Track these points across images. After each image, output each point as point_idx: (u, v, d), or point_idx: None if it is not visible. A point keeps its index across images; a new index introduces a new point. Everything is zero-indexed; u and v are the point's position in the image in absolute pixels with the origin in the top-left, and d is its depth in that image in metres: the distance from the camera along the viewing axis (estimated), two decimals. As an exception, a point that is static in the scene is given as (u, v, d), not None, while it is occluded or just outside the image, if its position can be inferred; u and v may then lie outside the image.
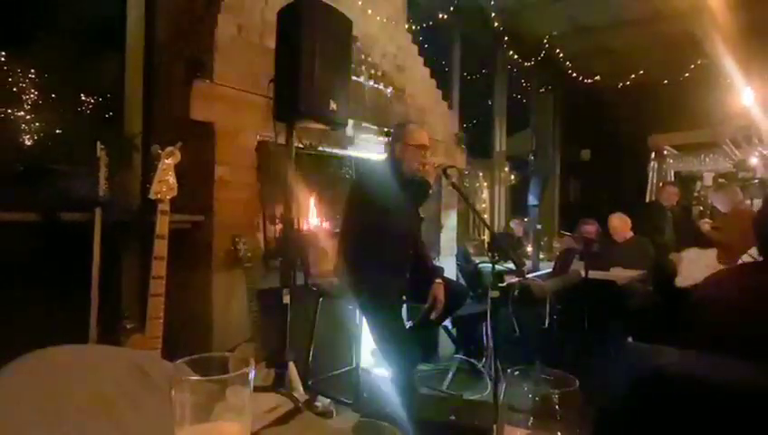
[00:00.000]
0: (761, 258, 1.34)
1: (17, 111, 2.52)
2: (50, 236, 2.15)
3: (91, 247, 2.10)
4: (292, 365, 2.28)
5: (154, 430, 0.66)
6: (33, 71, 2.55)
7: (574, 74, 6.89)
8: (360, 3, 3.58)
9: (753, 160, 6.65)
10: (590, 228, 4.89)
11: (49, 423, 0.67)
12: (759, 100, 6.00)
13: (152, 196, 2.04)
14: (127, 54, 2.69)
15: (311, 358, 2.68)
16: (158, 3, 2.74)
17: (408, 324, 2.76)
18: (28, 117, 2.54)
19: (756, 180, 6.48)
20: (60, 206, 2.16)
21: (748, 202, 5.31)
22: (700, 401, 0.95)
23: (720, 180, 7.08)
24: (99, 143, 2.16)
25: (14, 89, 2.52)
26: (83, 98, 2.77)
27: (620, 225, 4.65)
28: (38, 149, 2.55)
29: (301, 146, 2.85)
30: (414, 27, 4.51)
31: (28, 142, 2.54)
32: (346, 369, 3.17)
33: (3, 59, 2.50)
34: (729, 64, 5.45)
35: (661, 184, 6.34)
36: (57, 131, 2.63)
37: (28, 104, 2.55)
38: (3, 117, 2.47)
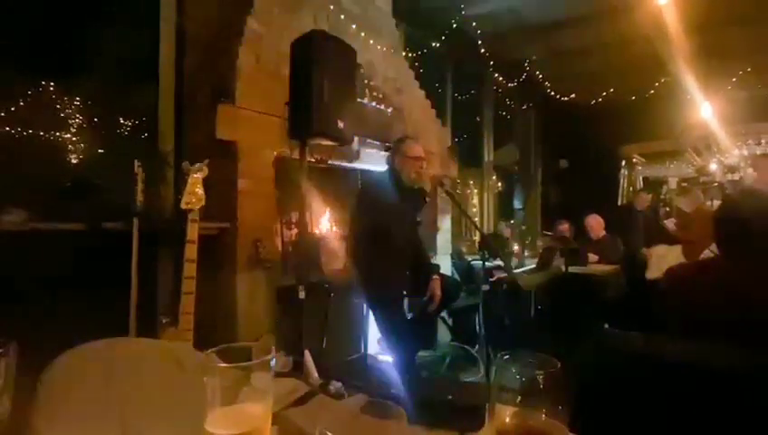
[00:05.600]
0: (719, 253, 1.34)
1: (65, 134, 2.54)
2: (94, 243, 2.16)
3: (130, 252, 2.11)
4: (307, 353, 2.26)
5: (188, 412, 0.66)
6: (78, 98, 2.58)
7: (552, 93, 6.88)
8: (363, 34, 3.60)
9: (713, 166, 6.63)
10: (564, 227, 4.88)
11: (96, 407, 0.68)
12: (716, 112, 5.99)
13: (183, 206, 2.05)
14: (160, 83, 2.70)
15: (324, 346, 2.67)
16: (186, 37, 2.76)
17: (409, 316, 2.75)
18: (74, 139, 2.56)
19: (716, 184, 6.45)
20: (102, 216, 2.18)
21: (709, 203, 5.29)
22: (666, 379, 0.95)
23: (683, 184, 7.06)
24: (136, 161, 2.17)
25: (62, 114, 2.55)
26: (122, 121, 2.79)
27: (596, 224, 4.65)
28: (83, 167, 2.57)
29: (313, 160, 2.85)
30: (410, 55, 4.53)
31: (74, 161, 2.56)
32: (356, 356, 3.16)
33: (52, 88, 2.52)
34: (689, 82, 5.45)
35: (636, 191, 6.33)
36: (99, 151, 2.65)
37: (74, 128, 2.57)
38: (52, 139, 2.49)
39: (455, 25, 4.95)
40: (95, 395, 0.69)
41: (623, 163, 7.62)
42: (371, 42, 3.69)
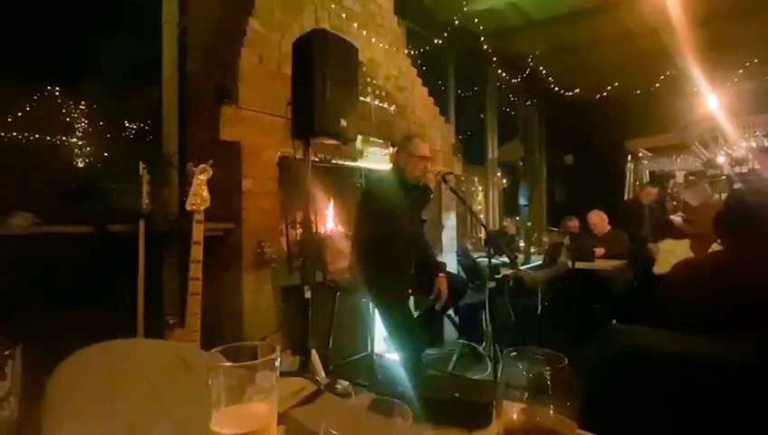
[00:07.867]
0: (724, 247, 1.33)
1: (70, 138, 2.56)
2: (101, 245, 2.18)
3: (136, 254, 2.13)
4: (314, 352, 2.28)
5: (194, 411, 0.66)
6: (83, 102, 2.60)
7: (556, 88, 6.85)
8: (364, 32, 3.59)
9: (720, 159, 6.56)
10: (573, 223, 4.85)
11: (104, 407, 0.68)
12: (723, 104, 5.93)
13: (188, 207, 2.06)
14: (163, 85, 2.72)
15: (330, 346, 2.67)
16: (188, 39, 2.77)
17: (415, 314, 2.75)
18: (80, 142, 2.58)
19: (723, 177, 6.38)
20: (109, 218, 2.19)
21: (717, 197, 5.24)
22: (673, 373, 0.94)
23: (691, 178, 6.99)
24: (141, 163, 2.19)
25: (68, 118, 2.56)
26: (127, 124, 2.81)
27: (598, 221, 4.61)
28: (89, 170, 2.58)
29: (316, 159, 2.86)
30: (413, 52, 4.52)
31: (80, 164, 2.58)
32: (362, 355, 3.17)
33: (57, 93, 2.54)
34: (695, 74, 5.39)
35: (642, 185, 6.29)
36: (105, 154, 2.67)
37: (79, 131, 2.59)
38: (58, 143, 2.51)
39: (457, 22, 4.94)
40: (102, 396, 0.70)
41: (629, 158, 7.56)
42: (373, 40, 3.68)
